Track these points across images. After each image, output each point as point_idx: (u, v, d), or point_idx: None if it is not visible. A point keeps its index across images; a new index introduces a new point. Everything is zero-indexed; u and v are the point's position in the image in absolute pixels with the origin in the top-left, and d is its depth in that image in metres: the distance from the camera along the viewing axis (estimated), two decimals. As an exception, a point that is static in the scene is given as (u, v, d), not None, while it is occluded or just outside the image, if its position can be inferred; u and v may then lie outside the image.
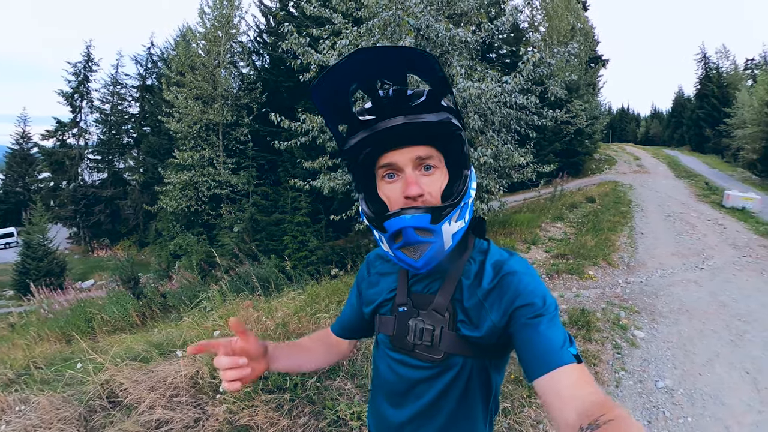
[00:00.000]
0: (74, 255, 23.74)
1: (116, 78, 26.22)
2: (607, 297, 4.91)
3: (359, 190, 0.82)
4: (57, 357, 3.66)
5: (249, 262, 6.75)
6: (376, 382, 0.92)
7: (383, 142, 0.73)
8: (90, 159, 26.25)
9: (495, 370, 0.81)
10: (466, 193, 0.74)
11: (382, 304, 0.89)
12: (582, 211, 10.30)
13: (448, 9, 5.98)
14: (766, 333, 4.02)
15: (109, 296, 7.51)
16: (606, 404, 0.54)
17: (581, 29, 23.83)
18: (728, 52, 33.41)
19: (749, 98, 22.08)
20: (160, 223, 17.79)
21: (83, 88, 25.14)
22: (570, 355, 0.63)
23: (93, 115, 25.88)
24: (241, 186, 15.43)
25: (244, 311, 3.07)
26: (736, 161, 23.88)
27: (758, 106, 20.22)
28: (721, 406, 2.91)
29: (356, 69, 0.66)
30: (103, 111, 25.88)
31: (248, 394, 2.12)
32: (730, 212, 10.38)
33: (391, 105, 0.71)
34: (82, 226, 25.37)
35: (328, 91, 0.69)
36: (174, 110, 15.18)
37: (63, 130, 25.08)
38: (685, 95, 42.71)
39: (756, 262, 6.39)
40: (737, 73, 32.01)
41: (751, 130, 20.58)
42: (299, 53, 5.80)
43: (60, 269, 16.60)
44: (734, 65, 33.00)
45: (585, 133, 19.66)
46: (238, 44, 16.81)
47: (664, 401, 2.97)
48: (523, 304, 0.70)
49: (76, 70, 24.82)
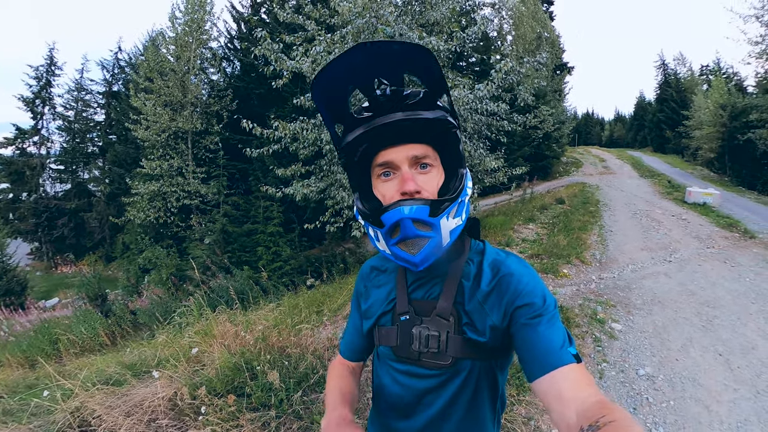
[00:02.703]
0: (36, 272, 22.40)
1: (81, 83, 24.97)
2: (583, 293, 5.06)
3: (354, 188, 0.81)
4: (20, 384, 3.43)
5: (222, 274, 6.58)
6: (381, 396, 0.89)
7: (380, 139, 0.73)
8: (52, 169, 24.78)
9: (500, 370, 0.80)
10: (463, 190, 0.74)
11: (381, 316, 0.86)
12: (552, 212, 10.56)
13: (421, 18, 6.06)
14: (734, 317, 4.28)
15: (76, 315, 7.13)
16: (606, 405, 0.54)
17: (548, 38, 24.68)
18: (685, 59, 35.61)
19: (705, 101, 23.48)
20: (128, 236, 17.08)
21: (45, 93, 23.77)
22: (569, 355, 0.64)
23: (56, 122, 24.43)
24: (211, 196, 14.97)
25: (222, 326, 2.96)
26: (695, 160, 25.36)
27: (713, 108, 21.61)
28: (700, 387, 3.06)
29: (356, 63, 0.67)
30: (67, 118, 24.56)
31: (232, 414, 2.04)
32: (692, 207, 10.88)
33: (388, 102, 0.71)
34: (44, 240, 23.95)
35: (328, 85, 0.70)
36: (142, 117, 14.60)
37: (23, 138, 23.58)
38: (646, 99, 44.84)
39: (719, 252, 6.76)
40: (693, 78, 33.77)
41: (707, 130, 21.99)
42: (272, 59, 5.72)
43: (21, 288, 15.62)
44: (691, 71, 34.94)
45: (552, 137, 20.23)
46: (208, 50, 16.46)
47: (647, 388, 3.10)
48: (522, 304, 0.70)
49: (37, 74, 23.45)
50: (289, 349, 2.62)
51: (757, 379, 3.14)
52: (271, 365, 2.32)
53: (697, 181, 17.01)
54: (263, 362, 2.39)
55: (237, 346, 2.64)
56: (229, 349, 2.59)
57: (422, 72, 0.71)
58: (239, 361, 2.40)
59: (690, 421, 2.69)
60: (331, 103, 0.73)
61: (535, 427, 2.51)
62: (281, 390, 2.21)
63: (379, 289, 0.89)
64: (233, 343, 2.68)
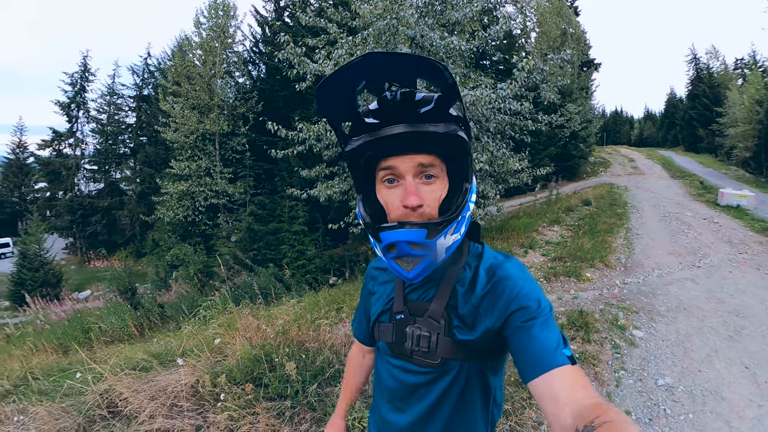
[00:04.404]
0: (71, 265, 23.57)
1: (113, 88, 26.22)
2: (605, 298, 4.93)
3: (358, 190, 0.83)
4: (54, 368, 3.64)
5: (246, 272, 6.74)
6: (378, 388, 0.94)
7: (385, 148, 0.73)
8: (86, 169, 26.17)
9: (492, 371, 0.82)
10: (465, 207, 0.74)
11: (382, 313, 0.91)
12: (578, 214, 10.33)
13: (442, 18, 6.06)
14: (764, 327, 4.07)
15: (107, 307, 7.48)
16: (601, 406, 0.54)
17: (573, 34, 24.09)
18: (718, 52, 33.81)
19: (740, 97, 22.37)
20: (157, 233, 17.74)
21: (80, 98, 25.13)
22: (564, 356, 0.64)
23: (89, 125, 25.85)
24: (238, 195, 15.41)
25: (244, 320, 3.07)
26: (729, 159, 24.14)
27: (749, 104, 20.53)
28: (722, 401, 2.92)
29: (364, 73, 0.66)
30: (100, 121, 25.85)
31: (249, 402, 2.12)
32: (725, 210, 10.45)
33: (396, 110, 0.69)
34: (78, 236, 25.22)
35: (333, 92, 0.68)
36: (170, 120, 15.22)
37: (59, 140, 25.03)
38: (677, 96, 43.20)
39: (752, 258, 6.46)
40: (727, 72, 32.24)
41: (743, 128, 20.90)
42: (295, 63, 5.85)
43: (56, 280, 16.48)
44: (724, 65, 33.27)
45: (579, 136, 19.79)
46: (234, 54, 16.91)
47: (665, 399, 2.98)
48: (517, 308, 0.71)
49: (72, 80, 24.82)
50: (307, 344, 2.70)
51: (785, 397, 2.96)
52: (289, 358, 2.41)
53: (732, 182, 16.30)
54: (282, 355, 2.47)
55: (258, 338, 2.74)
56: (250, 341, 2.69)
57: (434, 79, 0.67)
58: (259, 353, 2.49)
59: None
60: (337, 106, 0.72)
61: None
62: (297, 382, 2.28)
63: (382, 286, 0.94)
64: (254, 335, 2.77)
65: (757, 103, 19.94)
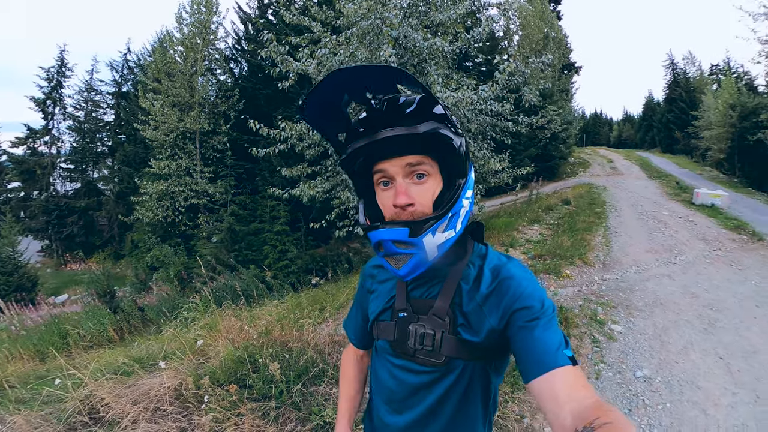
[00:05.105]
0: (46, 269, 22.76)
1: (91, 84, 25.37)
2: (584, 294, 5.05)
3: (359, 196, 0.84)
4: (31, 375, 3.53)
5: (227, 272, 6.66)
6: (376, 388, 0.92)
7: (375, 153, 0.75)
8: (62, 168, 25.22)
9: (495, 372, 0.82)
10: (456, 203, 0.74)
11: (382, 312, 0.89)
12: (558, 213, 10.49)
13: (426, 20, 6.10)
14: (737, 320, 4.23)
15: (85, 311, 7.27)
16: (602, 407, 0.55)
17: (555, 38, 24.53)
18: (694, 58, 35.14)
19: (714, 101, 23.12)
20: (136, 234, 17.34)
21: (56, 93, 24.16)
22: (565, 357, 0.65)
23: (66, 122, 24.87)
24: (218, 195, 15.17)
25: (227, 321, 3.04)
26: (704, 161, 24.99)
27: (723, 108, 21.32)
28: (698, 390, 3.04)
29: (338, 89, 0.68)
30: (77, 118, 24.94)
31: (234, 403, 2.11)
32: (700, 209, 10.76)
33: (381, 116, 0.71)
34: (54, 238, 24.35)
35: (316, 111, 0.72)
36: (150, 118, 14.84)
37: (34, 138, 24.02)
38: (655, 99, 44.22)
39: (725, 254, 6.70)
40: (703, 78, 33.24)
41: (717, 131, 21.70)
42: (278, 61, 5.80)
43: (31, 284, 15.90)
44: (700, 71, 34.38)
45: (560, 137, 20.09)
46: (216, 51, 16.63)
47: (643, 389, 3.09)
48: (520, 307, 0.71)
49: (48, 75, 23.87)
50: (290, 344, 2.69)
51: (758, 384, 3.11)
52: (273, 358, 2.40)
53: (706, 183, 16.77)
54: (265, 355, 2.46)
55: (241, 339, 2.72)
56: (233, 342, 2.66)
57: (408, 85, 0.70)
58: (242, 354, 2.48)
59: (686, 424, 2.67)
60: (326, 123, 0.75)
61: (528, 425, 2.54)
62: (282, 382, 2.28)
63: (382, 284, 0.93)
64: (237, 337, 2.75)
65: (731, 108, 20.72)
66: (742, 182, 18.75)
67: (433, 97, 0.70)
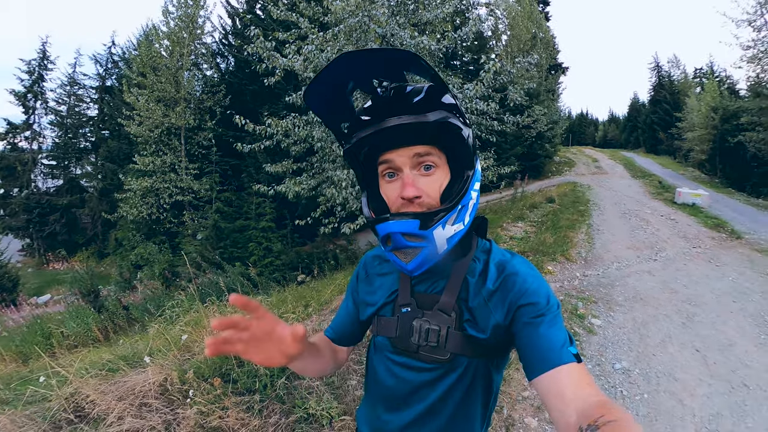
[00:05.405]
0: (27, 268, 22.19)
1: (74, 78, 24.71)
2: (566, 289, 5.15)
3: (362, 187, 0.82)
4: (14, 377, 3.47)
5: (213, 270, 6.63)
6: (373, 386, 0.89)
7: (381, 143, 0.73)
8: (44, 164, 24.48)
9: (496, 369, 0.81)
10: (465, 195, 0.72)
11: (382, 306, 0.86)
12: (542, 211, 10.60)
13: (413, 18, 6.13)
14: (713, 314, 4.35)
15: (68, 311, 7.14)
16: (606, 405, 0.54)
17: (542, 38, 24.78)
18: (679, 61, 35.70)
19: (698, 104, 23.73)
20: (120, 232, 17.02)
21: (37, 87, 23.41)
22: (570, 354, 0.64)
23: (48, 117, 24.13)
24: (203, 192, 14.97)
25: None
26: (686, 161, 25.60)
27: (705, 111, 21.94)
28: (675, 381, 3.13)
29: (345, 73, 0.65)
30: (59, 113, 24.26)
31: (218, 397, 2.13)
32: (681, 208, 10.99)
33: (388, 104, 0.69)
34: (35, 236, 23.71)
35: (320, 96, 0.69)
36: (134, 113, 14.55)
37: (14, 133, 23.28)
38: (640, 101, 45.12)
39: (704, 251, 6.87)
40: (687, 80, 33.93)
41: (699, 132, 22.32)
42: (265, 57, 5.78)
43: (12, 284, 15.51)
44: (684, 74, 35.08)
45: (545, 137, 20.30)
46: (202, 45, 16.40)
47: (622, 381, 3.17)
48: (526, 303, 0.70)
49: (30, 68, 23.13)
50: (275, 339, 2.71)
51: (733, 375, 3.21)
52: (258, 353, 2.42)
53: (688, 183, 17.11)
54: (250, 350, 2.48)
55: (226, 335, 2.72)
56: (217, 338, 2.67)
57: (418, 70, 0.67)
58: (227, 349, 2.49)
59: (663, 414, 2.75)
60: (329, 110, 0.72)
61: (507, 415, 2.61)
62: (266, 376, 2.30)
63: (383, 277, 0.89)
64: (222, 332, 2.75)
65: (713, 110, 21.33)
66: (723, 182, 19.27)
67: (444, 86, 0.68)
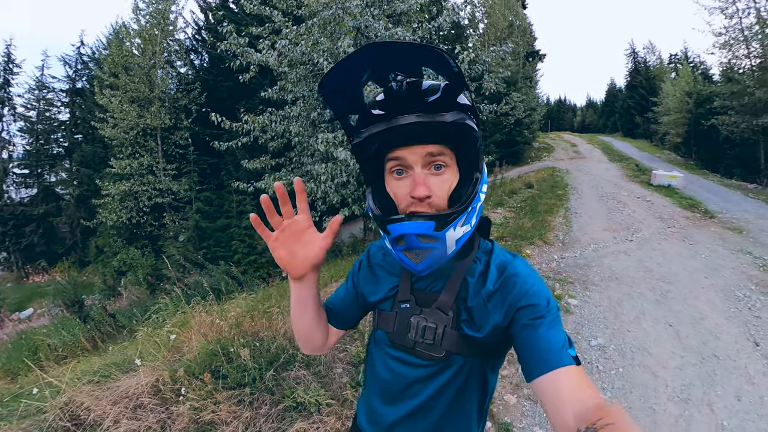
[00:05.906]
0: (6, 283, 21.41)
1: (42, 81, 23.79)
2: (543, 272, 5.28)
3: (367, 183, 0.81)
4: (5, 394, 3.43)
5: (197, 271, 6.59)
6: (371, 379, 0.90)
7: (393, 139, 0.72)
8: (16, 174, 23.68)
9: (491, 369, 0.81)
10: (475, 197, 0.72)
11: (382, 300, 0.88)
12: (521, 197, 10.77)
13: (388, 9, 6.13)
14: (686, 290, 4.53)
15: (53, 323, 6.99)
16: (605, 407, 0.54)
17: (519, 26, 24.98)
18: (654, 47, 36.84)
19: (673, 89, 24.58)
20: (101, 238, 16.64)
21: (4, 93, 22.51)
22: (569, 356, 0.64)
23: (16, 124, 23.29)
24: (183, 193, 14.74)
25: (198, 317, 3.06)
26: (662, 144, 26.47)
27: (680, 95, 22.81)
28: (649, 355, 3.27)
29: (367, 63, 0.65)
30: (29, 118, 23.37)
31: (210, 393, 2.17)
32: (657, 190, 11.32)
33: (403, 100, 0.68)
34: (12, 249, 22.86)
35: (336, 85, 0.68)
36: (108, 115, 14.13)
37: (-19, 142, 22.52)
38: (617, 86, 46.05)
39: (679, 231, 7.11)
40: (662, 66, 34.73)
41: (674, 116, 23.15)
42: (239, 53, 5.72)
43: (-8, 301, 15.06)
44: (660, 59, 35.92)
45: (524, 123, 20.56)
46: (175, 42, 16.00)
47: (597, 357, 3.29)
48: (526, 305, 0.71)
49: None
50: (261, 333, 2.76)
51: (703, 347, 3.37)
52: (244, 348, 2.46)
53: (664, 165, 17.51)
54: (237, 346, 2.52)
55: (213, 333, 2.76)
56: (205, 336, 2.70)
57: (439, 67, 0.66)
58: (215, 347, 2.53)
59: (637, 386, 2.88)
60: (342, 99, 0.71)
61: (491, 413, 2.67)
62: (254, 369, 2.36)
63: (385, 271, 0.90)
64: (209, 331, 2.79)
65: (687, 95, 22.21)
66: (698, 164, 20.01)
67: (462, 86, 0.68)
